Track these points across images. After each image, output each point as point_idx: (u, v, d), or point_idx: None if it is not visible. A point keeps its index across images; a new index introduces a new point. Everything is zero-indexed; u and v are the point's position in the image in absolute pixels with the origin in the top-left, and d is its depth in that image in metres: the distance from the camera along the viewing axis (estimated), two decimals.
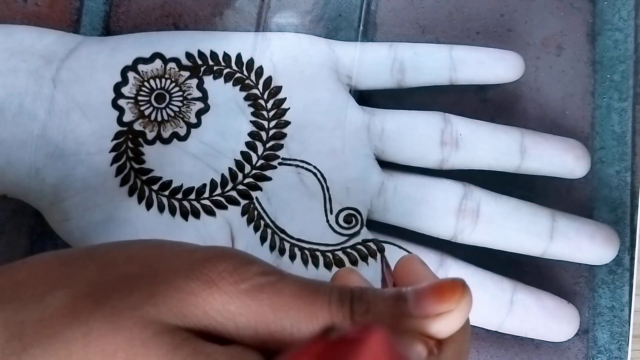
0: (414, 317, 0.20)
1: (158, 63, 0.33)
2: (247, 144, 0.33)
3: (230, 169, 0.33)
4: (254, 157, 0.33)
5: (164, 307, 0.19)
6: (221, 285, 0.20)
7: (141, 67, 0.33)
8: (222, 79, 0.33)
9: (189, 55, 0.33)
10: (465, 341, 0.21)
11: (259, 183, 0.33)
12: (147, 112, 0.33)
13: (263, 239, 0.32)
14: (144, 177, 0.32)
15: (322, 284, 0.21)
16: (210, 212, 0.32)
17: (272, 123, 0.33)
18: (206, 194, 0.32)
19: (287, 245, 0.32)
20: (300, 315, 0.20)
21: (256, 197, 0.33)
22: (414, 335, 0.20)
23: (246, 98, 0.33)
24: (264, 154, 0.33)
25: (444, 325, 0.20)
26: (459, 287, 0.20)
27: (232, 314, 0.20)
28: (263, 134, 0.33)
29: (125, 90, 0.33)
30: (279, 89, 0.33)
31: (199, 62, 0.33)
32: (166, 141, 0.33)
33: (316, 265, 0.32)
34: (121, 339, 0.19)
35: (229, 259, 0.20)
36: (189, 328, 0.20)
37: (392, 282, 0.24)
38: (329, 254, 0.32)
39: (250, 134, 0.33)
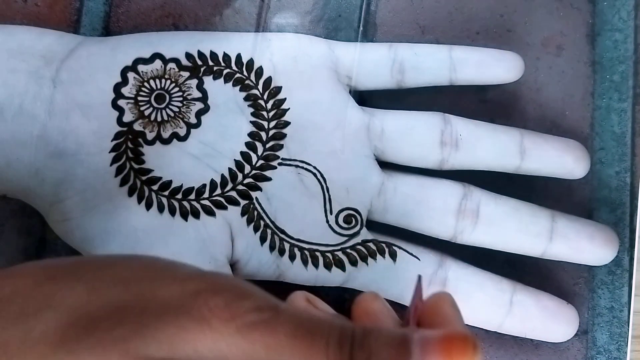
0: None
1: (158, 63, 0.33)
2: (247, 144, 0.33)
3: (230, 169, 0.33)
4: (254, 158, 0.33)
5: (153, 341, 0.19)
6: (212, 323, 0.19)
7: (141, 68, 0.33)
8: (222, 80, 0.33)
9: (188, 56, 0.33)
10: None
11: (258, 183, 0.33)
12: (147, 113, 0.33)
13: (263, 239, 0.32)
14: (144, 177, 0.32)
15: (320, 322, 0.20)
16: (210, 213, 0.32)
17: (272, 123, 0.33)
18: (206, 194, 0.32)
19: (286, 246, 0.32)
20: (295, 358, 0.19)
21: (256, 198, 0.33)
22: None
23: (246, 98, 0.33)
24: (264, 154, 0.33)
25: None
26: (469, 346, 0.19)
27: (223, 353, 0.19)
28: (263, 134, 0.33)
29: (125, 90, 0.33)
30: (278, 89, 0.33)
31: (199, 62, 0.33)
32: (166, 141, 0.33)
33: (316, 265, 0.32)
34: None
35: (221, 293, 0.19)
36: None
37: (416, 317, 0.22)
38: (329, 254, 0.32)
39: (250, 134, 0.33)
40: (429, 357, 0.19)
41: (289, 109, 0.33)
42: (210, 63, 0.33)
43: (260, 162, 0.33)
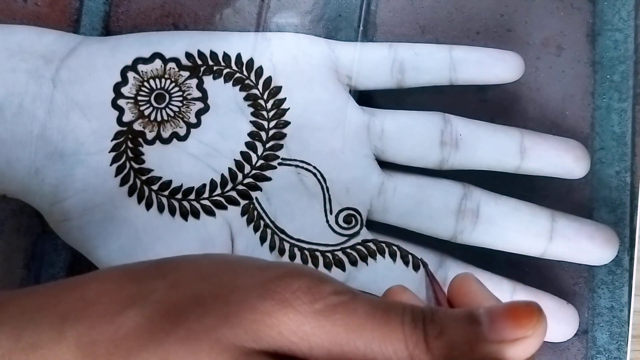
0: (488, 342, 0.19)
1: (158, 63, 0.33)
2: (247, 144, 0.33)
3: (230, 169, 0.33)
4: (254, 157, 0.33)
5: (240, 328, 0.19)
6: (296, 305, 0.19)
7: (141, 67, 0.33)
8: (221, 79, 0.33)
9: (188, 55, 0.33)
10: None
11: (258, 183, 0.33)
12: (146, 112, 0.33)
13: (263, 239, 0.32)
14: (144, 177, 0.32)
15: (393, 303, 0.20)
16: (210, 213, 0.32)
17: (272, 123, 0.33)
18: (206, 194, 0.32)
19: (286, 246, 0.32)
20: (374, 336, 0.19)
21: (256, 198, 0.33)
22: None
23: (246, 98, 0.33)
24: (264, 154, 0.33)
25: (520, 350, 0.19)
26: (535, 311, 0.20)
27: (306, 335, 0.19)
28: (263, 134, 0.33)
29: (125, 90, 0.33)
30: (278, 89, 0.33)
31: (199, 62, 0.33)
32: (166, 141, 0.33)
33: (316, 265, 0.32)
34: None
35: (302, 277, 0.20)
36: (263, 350, 0.19)
37: (445, 299, 0.23)
38: (329, 254, 0.32)
39: (250, 134, 0.33)
40: (499, 326, 0.19)
41: (289, 108, 0.33)
42: (210, 63, 0.33)
43: (260, 162, 0.33)
